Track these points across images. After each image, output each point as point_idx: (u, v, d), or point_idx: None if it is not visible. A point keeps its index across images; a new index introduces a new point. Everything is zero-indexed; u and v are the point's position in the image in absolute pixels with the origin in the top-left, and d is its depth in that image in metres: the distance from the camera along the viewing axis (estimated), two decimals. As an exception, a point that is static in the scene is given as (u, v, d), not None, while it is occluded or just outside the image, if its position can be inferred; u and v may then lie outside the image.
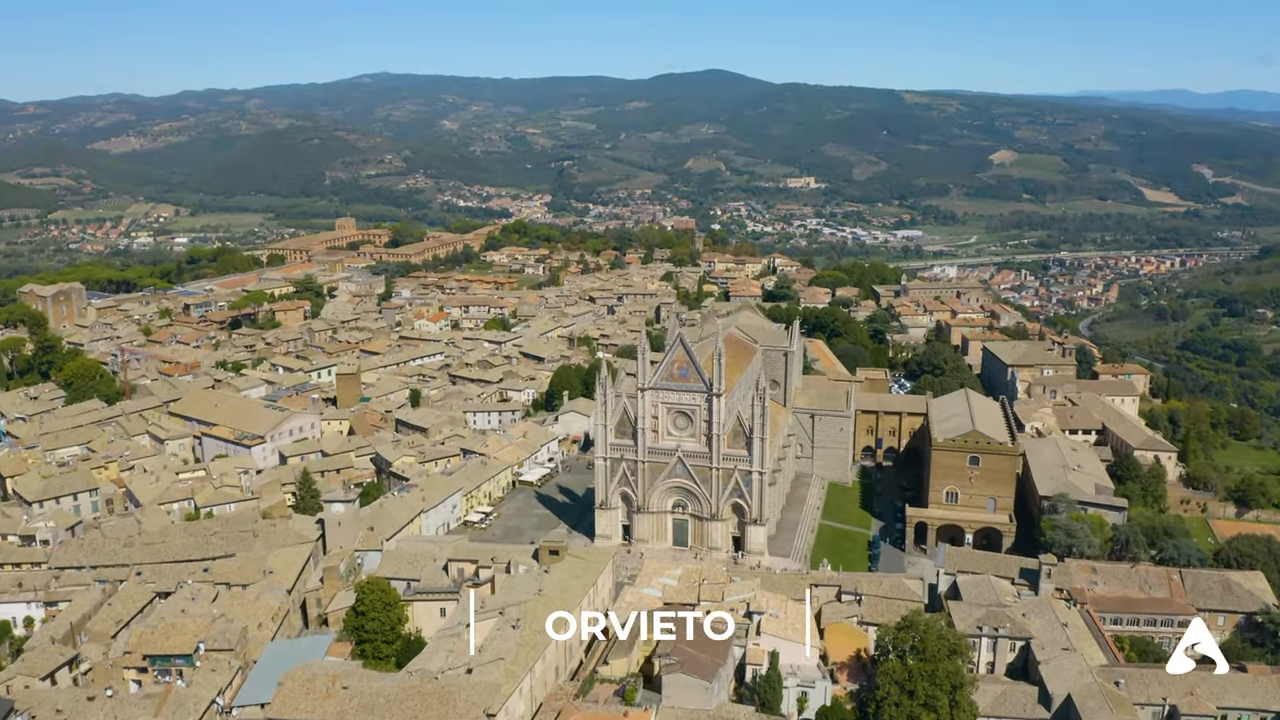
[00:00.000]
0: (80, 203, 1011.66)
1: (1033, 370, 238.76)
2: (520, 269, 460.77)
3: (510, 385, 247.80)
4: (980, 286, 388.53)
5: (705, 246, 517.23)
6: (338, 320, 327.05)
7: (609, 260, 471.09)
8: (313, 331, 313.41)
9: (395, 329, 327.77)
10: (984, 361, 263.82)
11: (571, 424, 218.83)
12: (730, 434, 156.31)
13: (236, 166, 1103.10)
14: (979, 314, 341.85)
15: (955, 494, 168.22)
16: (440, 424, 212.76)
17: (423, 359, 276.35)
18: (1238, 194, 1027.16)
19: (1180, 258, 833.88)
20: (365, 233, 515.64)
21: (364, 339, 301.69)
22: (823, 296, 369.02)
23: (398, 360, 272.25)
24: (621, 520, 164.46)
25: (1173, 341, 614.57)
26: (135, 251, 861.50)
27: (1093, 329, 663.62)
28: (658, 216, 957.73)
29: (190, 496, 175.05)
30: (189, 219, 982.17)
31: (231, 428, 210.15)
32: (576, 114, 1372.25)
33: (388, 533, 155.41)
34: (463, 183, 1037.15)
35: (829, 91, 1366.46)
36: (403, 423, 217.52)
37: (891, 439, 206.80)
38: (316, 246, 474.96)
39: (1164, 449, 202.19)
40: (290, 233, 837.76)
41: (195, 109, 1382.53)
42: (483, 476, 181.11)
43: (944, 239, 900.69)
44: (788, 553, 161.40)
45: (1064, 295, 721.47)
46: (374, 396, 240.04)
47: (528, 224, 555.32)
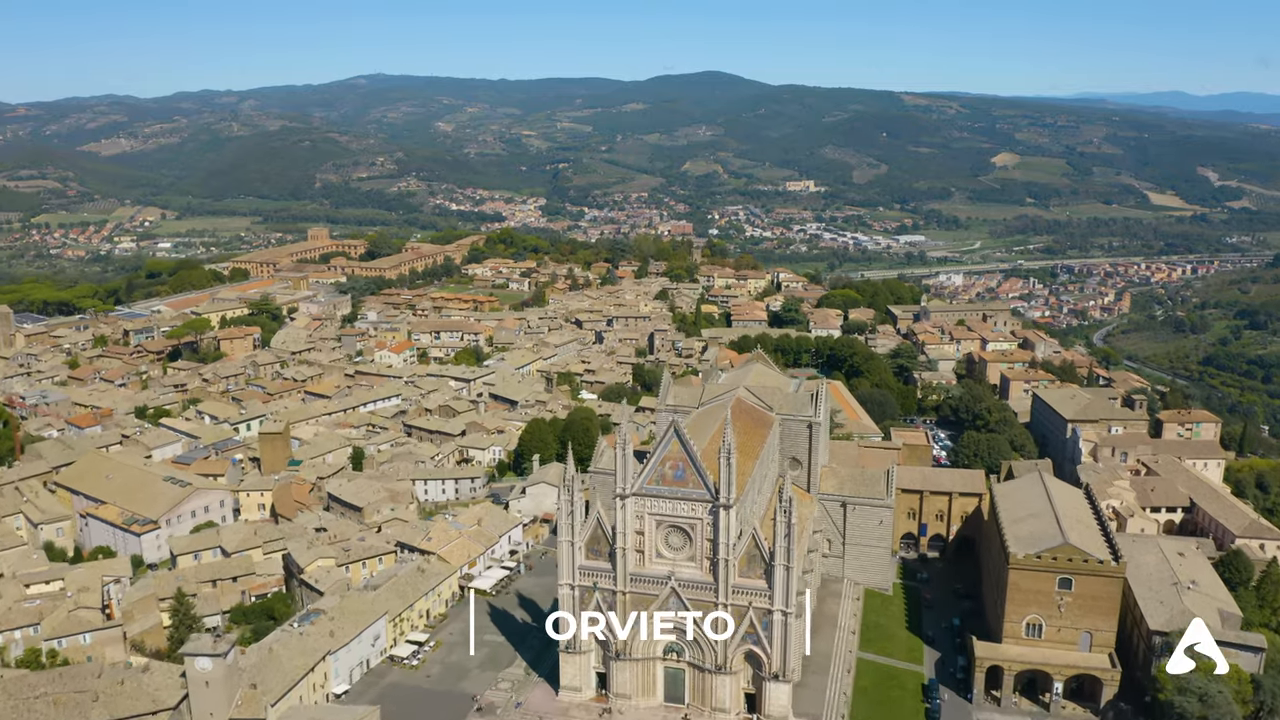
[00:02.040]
0: (65, 206, 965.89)
1: (1098, 427, 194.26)
2: (504, 284, 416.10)
3: (473, 442, 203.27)
4: (1006, 308, 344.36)
5: (704, 258, 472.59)
6: (289, 350, 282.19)
7: (600, 274, 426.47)
8: (258, 365, 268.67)
9: (355, 360, 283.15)
10: (1034, 411, 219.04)
11: (542, 499, 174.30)
12: (744, 558, 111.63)
13: (226, 169, 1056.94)
14: (1010, 342, 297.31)
15: (1039, 625, 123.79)
16: (379, 502, 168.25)
17: (376, 403, 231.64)
18: (1244, 198, 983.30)
19: (1191, 265, 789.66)
20: (340, 244, 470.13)
21: (314, 375, 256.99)
22: (834, 320, 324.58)
23: (346, 406, 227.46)
24: (595, 666, 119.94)
25: (1194, 356, 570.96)
26: (116, 258, 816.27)
27: (1108, 341, 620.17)
28: (654, 221, 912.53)
29: (37, 621, 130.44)
30: (175, 223, 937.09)
31: (122, 507, 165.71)
32: (573, 115, 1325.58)
33: (277, 691, 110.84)
34: (456, 186, 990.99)
35: (827, 93, 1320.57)
36: (336, 498, 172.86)
37: (939, 523, 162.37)
38: (284, 259, 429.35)
39: (1274, 536, 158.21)
40: (277, 238, 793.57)
41: (188, 110, 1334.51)
42: (418, 590, 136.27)
43: (947, 244, 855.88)
44: (819, 713, 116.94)
45: (1075, 305, 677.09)
46: (308, 459, 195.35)
47: (514, 234, 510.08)
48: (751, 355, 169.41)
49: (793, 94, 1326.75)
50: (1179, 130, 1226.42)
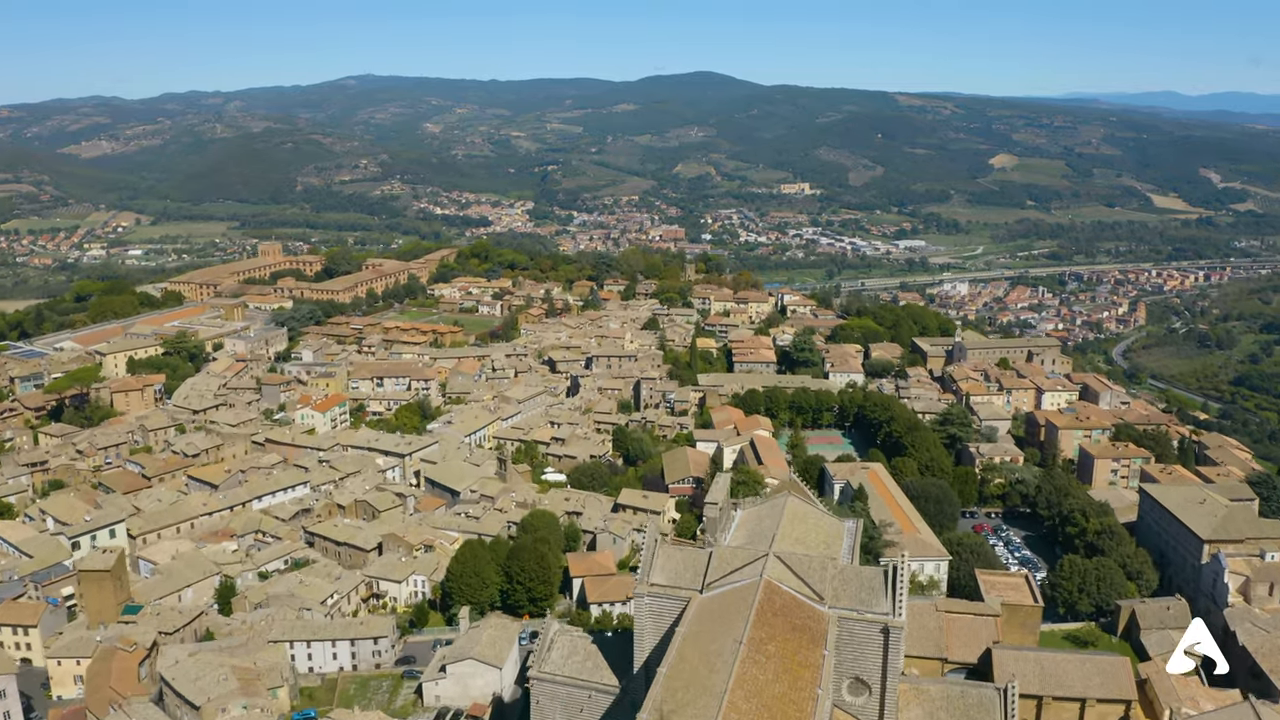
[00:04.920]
0: (37, 211, 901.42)
1: (1247, 550, 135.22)
2: (473, 307, 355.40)
3: (387, 569, 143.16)
4: (1055, 344, 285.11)
5: (697, 273, 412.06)
6: (191, 408, 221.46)
7: (582, 295, 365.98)
8: (146, 431, 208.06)
9: (273, 419, 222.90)
10: (1142, 512, 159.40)
11: (469, 682, 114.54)
12: None
13: (206, 171, 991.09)
14: (1069, 390, 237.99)
15: None
16: (226, 696, 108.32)
17: (276, 494, 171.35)
18: (1249, 200, 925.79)
19: (1203, 271, 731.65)
20: (294, 261, 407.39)
21: (210, 448, 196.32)
22: (854, 358, 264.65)
23: (233, 502, 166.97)
24: None
25: (1223, 375, 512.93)
26: (83, 266, 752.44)
27: (1128, 357, 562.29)
28: (645, 225, 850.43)
29: None
30: (149, 228, 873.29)
31: None
32: (563, 116, 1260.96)
33: None
34: (441, 189, 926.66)
35: (820, 93, 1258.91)
36: (171, 688, 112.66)
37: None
38: (227, 279, 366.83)
39: None
40: (253, 244, 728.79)
41: (172, 112, 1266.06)
42: None
43: (949, 250, 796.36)
44: None
45: (1089, 316, 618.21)
46: (154, 599, 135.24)
47: (490, 247, 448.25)
48: (781, 486, 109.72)
49: (785, 94, 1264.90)
50: (1176, 130, 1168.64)
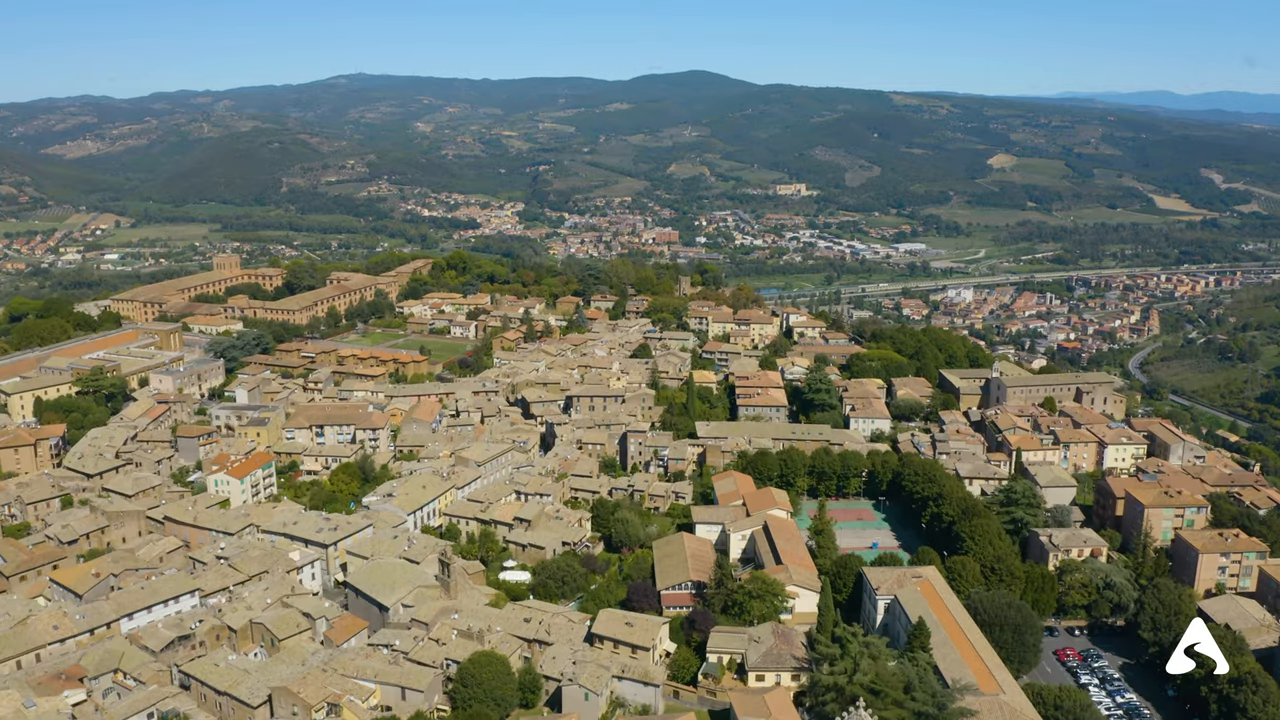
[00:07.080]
0: (15, 214, 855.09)
1: None
2: (444, 328, 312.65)
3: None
4: (1108, 381, 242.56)
5: (693, 288, 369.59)
6: (86, 470, 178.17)
7: (566, 315, 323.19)
8: (24, 505, 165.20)
9: (184, 485, 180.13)
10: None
11: None
12: None
13: (191, 172, 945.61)
14: (1136, 443, 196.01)
15: None
16: None
17: (152, 608, 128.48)
18: (1253, 201, 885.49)
19: (1213, 276, 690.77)
20: (252, 274, 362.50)
21: (94, 530, 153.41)
22: (877, 399, 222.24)
23: (94, 624, 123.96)
24: None
25: (1249, 391, 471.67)
26: (57, 271, 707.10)
27: (1145, 370, 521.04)
28: (638, 228, 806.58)
29: None
30: (128, 231, 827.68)
31: None
32: (555, 116, 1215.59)
33: None
34: (430, 190, 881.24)
35: (815, 93, 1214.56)
36: None
37: None
38: (173, 296, 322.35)
39: None
40: (234, 247, 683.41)
41: (159, 111, 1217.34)
42: None
43: (950, 253, 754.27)
44: None
45: (1100, 324, 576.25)
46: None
47: (468, 257, 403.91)
48: None
49: (780, 94, 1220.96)
50: (1174, 130, 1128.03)
